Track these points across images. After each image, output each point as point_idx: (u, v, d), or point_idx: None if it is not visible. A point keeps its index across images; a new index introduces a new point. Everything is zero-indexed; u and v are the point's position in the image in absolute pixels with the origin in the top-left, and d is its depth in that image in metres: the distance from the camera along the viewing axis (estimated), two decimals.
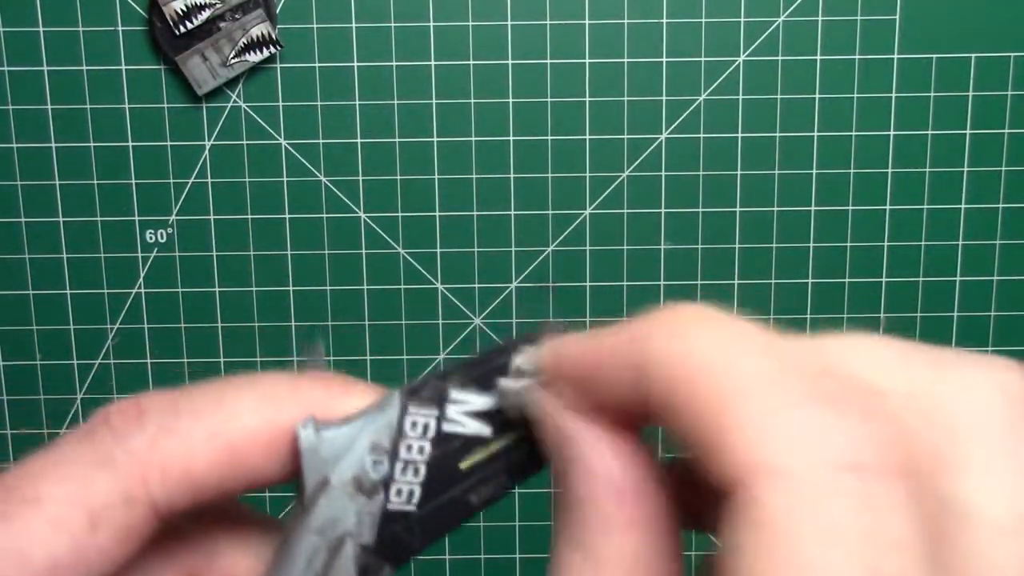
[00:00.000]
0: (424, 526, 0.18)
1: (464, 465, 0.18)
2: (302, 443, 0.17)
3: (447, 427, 0.18)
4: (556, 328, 0.18)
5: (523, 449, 0.18)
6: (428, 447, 0.18)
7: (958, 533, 0.12)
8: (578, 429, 0.16)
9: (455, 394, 0.18)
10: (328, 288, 0.52)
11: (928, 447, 0.13)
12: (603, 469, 0.16)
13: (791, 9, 0.50)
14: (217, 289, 0.52)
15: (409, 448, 0.17)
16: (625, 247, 0.52)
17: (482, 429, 0.18)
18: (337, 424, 0.17)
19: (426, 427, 0.18)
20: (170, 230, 0.52)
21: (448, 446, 0.18)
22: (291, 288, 0.52)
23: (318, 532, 0.17)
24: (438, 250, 0.52)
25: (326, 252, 0.52)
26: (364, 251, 0.52)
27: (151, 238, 0.52)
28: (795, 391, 0.13)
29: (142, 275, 0.52)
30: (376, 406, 0.18)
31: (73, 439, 0.17)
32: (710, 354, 0.14)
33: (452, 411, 0.18)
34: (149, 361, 0.53)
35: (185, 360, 0.53)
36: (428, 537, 0.18)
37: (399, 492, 0.17)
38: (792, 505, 0.12)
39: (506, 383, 0.18)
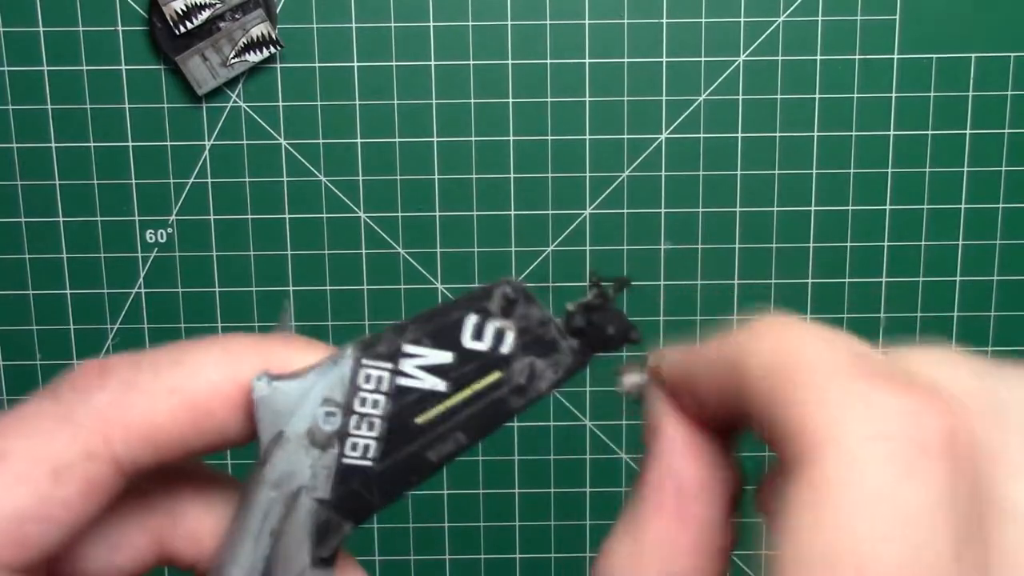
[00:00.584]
0: (382, 482, 0.18)
1: (420, 420, 0.18)
2: (255, 394, 0.17)
3: (402, 381, 0.18)
4: (508, 285, 0.18)
5: (480, 406, 0.18)
6: (383, 401, 0.17)
7: (998, 527, 0.13)
8: (668, 424, 0.18)
9: (410, 348, 0.18)
10: (328, 288, 0.52)
11: (986, 443, 0.14)
12: (675, 464, 0.18)
13: (791, 9, 0.50)
14: (217, 289, 0.52)
15: (363, 402, 0.17)
16: (625, 247, 0.52)
17: (437, 384, 0.18)
18: (290, 376, 0.17)
19: (380, 380, 0.17)
20: (170, 230, 0.52)
21: (403, 400, 0.18)
22: (291, 288, 0.52)
23: (274, 485, 0.17)
24: (438, 250, 0.52)
25: (326, 252, 0.52)
26: (364, 251, 0.52)
27: (151, 238, 0.52)
28: (867, 377, 0.14)
29: (142, 275, 0.52)
30: (330, 359, 0.18)
31: (38, 398, 0.17)
32: (800, 350, 0.15)
33: (407, 365, 0.18)
34: None
35: None
36: (387, 494, 0.18)
37: (355, 446, 0.17)
38: (845, 470, 0.13)
39: (630, 377, 0.19)
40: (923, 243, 0.52)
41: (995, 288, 0.52)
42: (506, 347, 0.18)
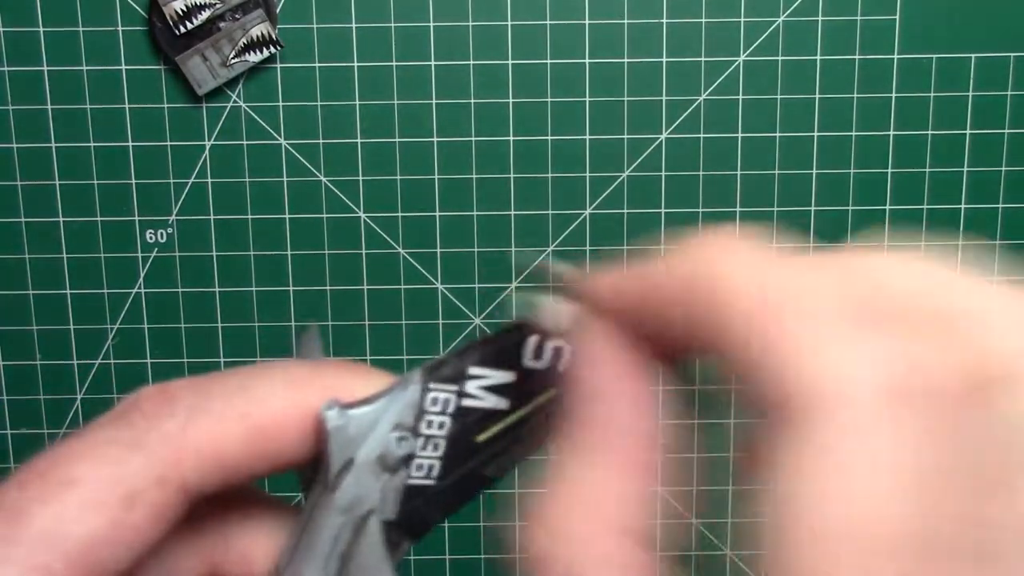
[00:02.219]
0: (443, 499, 0.18)
1: (481, 438, 0.18)
2: (328, 423, 0.17)
3: (466, 402, 0.18)
4: (568, 304, 0.18)
5: (536, 421, 0.19)
6: (447, 422, 0.18)
7: (1014, 463, 0.12)
8: (609, 360, 0.17)
9: (474, 370, 0.18)
10: (328, 288, 0.52)
11: (985, 368, 0.13)
12: (621, 407, 0.17)
13: (791, 9, 0.50)
14: (217, 289, 0.52)
15: (429, 424, 0.18)
16: (625, 247, 0.52)
17: (499, 402, 0.18)
18: (361, 404, 0.18)
19: (446, 403, 0.18)
20: (170, 230, 0.52)
21: (466, 420, 0.18)
22: (291, 288, 0.52)
23: (343, 511, 0.18)
24: (438, 250, 0.52)
25: (326, 252, 0.52)
26: (364, 251, 0.52)
27: (151, 238, 0.52)
28: (850, 314, 0.13)
29: (142, 275, 0.52)
30: (398, 385, 0.18)
31: (105, 423, 0.17)
32: (785, 283, 0.14)
33: (471, 386, 0.18)
34: (149, 361, 0.53)
35: (185, 360, 0.53)
36: (446, 509, 0.18)
37: (420, 467, 0.18)
38: (846, 434, 0.12)
39: (555, 306, 0.19)
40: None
41: None
42: (563, 364, 0.18)
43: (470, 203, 0.51)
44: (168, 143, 0.51)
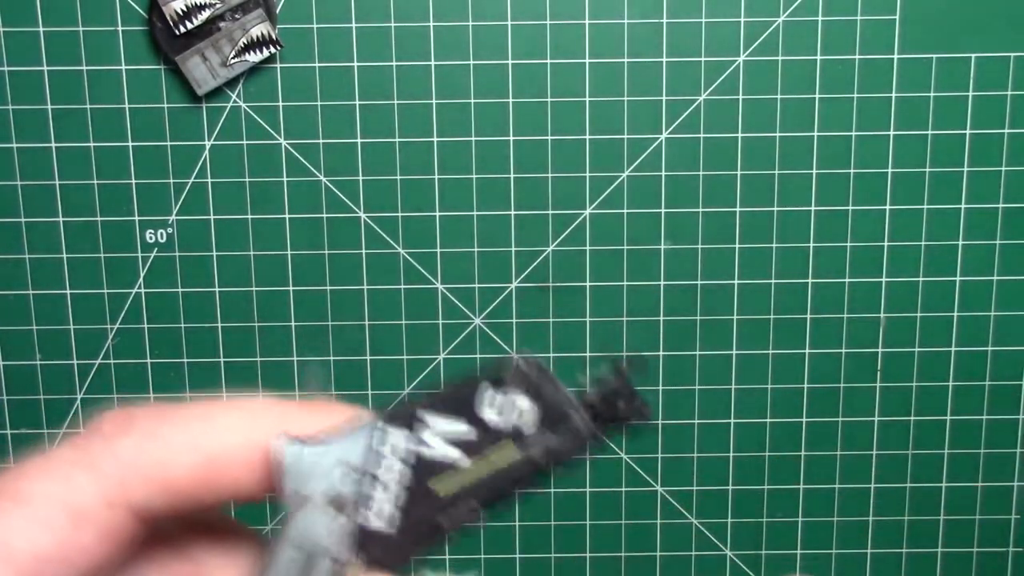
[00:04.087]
0: (398, 546, 0.18)
1: (437, 488, 0.18)
2: (279, 458, 0.18)
3: (421, 450, 0.18)
4: (523, 364, 0.18)
5: (495, 479, 0.18)
6: (402, 468, 0.18)
7: None
8: None
9: (429, 418, 0.18)
10: (328, 288, 0.52)
11: None
12: None
13: (791, 9, 0.50)
14: (217, 289, 0.52)
15: (384, 468, 0.18)
16: (625, 247, 0.52)
17: (454, 454, 0.18)
18: (313, 442, 0.18)
19: (399, 448, 0.18)
20: (170, 230, 0.52)
21: (421, 468, 0.18)
22: (291, 288, 0.52)
23: (295, 546, 0.18)
24: (438, 250, 0.52)
25: (326, 252, 0.52)
26: (364, 251, 0.52)
27: (151, 238, 0.52)
28: None
29: (142, 275, 0.52)
30: (352, 425, 0.18)
31: (66, 443, 0.18)
32: None
33: (426, 434, 0.18)
34: (149, 361, 0.53)
35: (185, 360, 0.53)
36: (402, 558, 0.18)
37: (374, 511, 0.18)
38: None
39: None
40: (923, 243, 0.52)
41: (995, 288, 0.52)
42: (520, 419, 0.18)
43: (470, 203, 0.51)
44: (168, 143, 0.51)
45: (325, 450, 0.18)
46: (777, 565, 0.55)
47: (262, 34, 0.49)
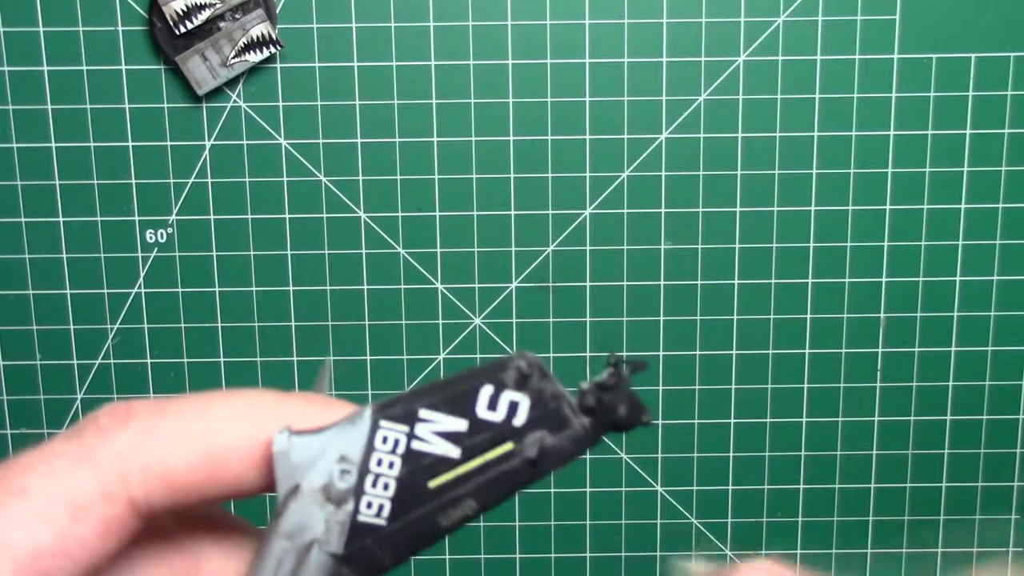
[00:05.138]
0: (393, 542, 0.18)
1: (433, 484, 0.18)
2: (274, 447, 0.18)
3: (417, 445, 0.18)
4: (523, 363, 0.18)
5: (490, 476, 0.18)
6: (398, 463, 0.18)
7: None
8: None
9: (425, 413, 0.18)
10: (328, 288, 0.52)
11: None
12: None
13: (791, 9, 0.50)
14: (217, 289, 0.52)
15: (379, 462, 0.18)
16: (625, 247, 0.52)
17: (451, 450, 0.18)
18: (309, 432, 0.18)
19: (396, 442, 0.18)
20: (170, 230, 0.52)
21: (417, 463, 0.18)
22: (291, 288, 0.52)
23: (287, 537, 0.18)
24: (438, 250, 0.52)
25: (326, 252, 0.52)
26: (364, 251, 0.52)
27: (151, 238, 0.52)
28: None
29: (142, 275, 0.52)
30: (348, 418, 0.18)
31: (63, 437, 0.18)
32: None
33: (422, 429, 0.18)
34: (149, 361, 0.53)
35: (185, 360, 0.53)
36: (397, 554, 0.18)
37: (369, 504, 0.18)
38: None
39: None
40: (923, 243, 0.52)
41: (995, 288, 0.52)
42: (518, 420, 0.18)
43: (470, 203, 0.51)
44: (168, 143, 0.51)
45: (320, 441, 0.18)
46: None
47: (262, 34, 0.49)
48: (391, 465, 0.18)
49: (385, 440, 0.18)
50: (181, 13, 0.48)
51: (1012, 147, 0.51)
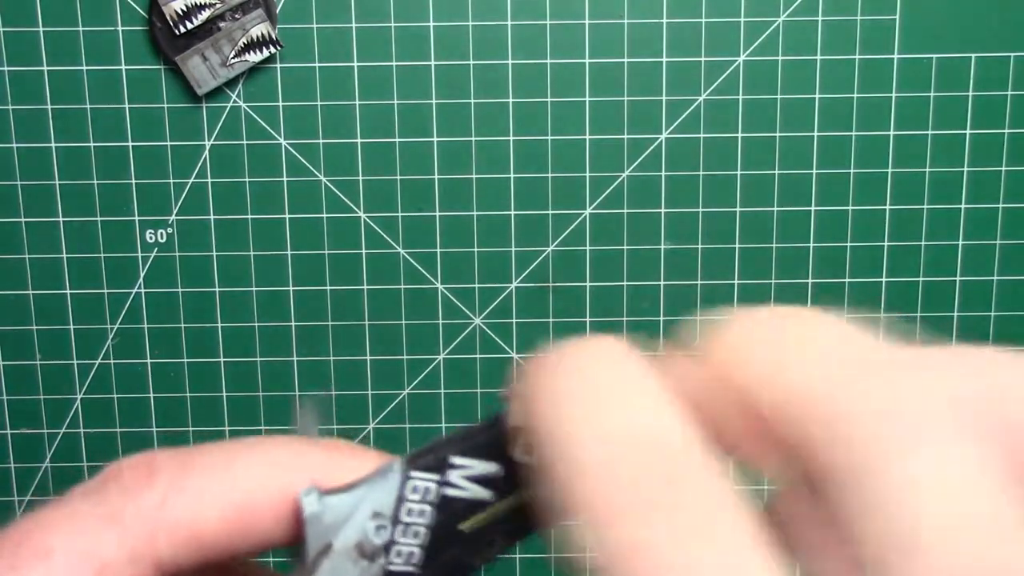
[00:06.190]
0: None
1: (464, 527, 0.18)
2: (305, 509, 0.17)
3: (448, 491, 0.18)
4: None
5: (521, 511, 0.18)
6: (429, 510, 0.18)
7: None
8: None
9: (456, 460, 0.18)
10: (328, 288, 0.52)
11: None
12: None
13: (791, 9, 0.50)
14: (217, 289, 0.52)
15: (410, 512, 0.18)
16: (625, 247, 0.52)
17: (483, 493, 0.18)
18: (340, 490, 0.18)
19: (427, 491, 0.18)
20: (170, 230, 0.52)
21: (449, 509, 0.18)
22: (291, 288, 0.52)
23: None
24: (438, 250, 0.52)
25: (326, 252, 0.52)
26: (364, 251, 0.52)
27: (151, 238, 0.52)
28: (972, 432, 0.12)
29: (142, 275, 0.52)
30: (378, 472, 0.18)
31: (85, 493, 0.17)
32: (841, 379, 0.13)
33: (453, 476, 0.18)
34: (149, 361, 0.53)
35: (185, 360, 0.53)
36: None
37: (399, 554, 0.18)
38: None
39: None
40: (923, 243, 0.52)
41: (995, 288, 0.52)
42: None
43: (470, 203, 0.51)
44: (168, 143, 0.51)
45: (352, 499, 0.18)
46: None
47: (262, 34, 0.49)
48: (422, 513, 0.18)
49: (416, 490, 0.18)
50: (181, 13, 0.48)
51: (1012, 147, 0.51)
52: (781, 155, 0.51)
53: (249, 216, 0.51)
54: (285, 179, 0.51)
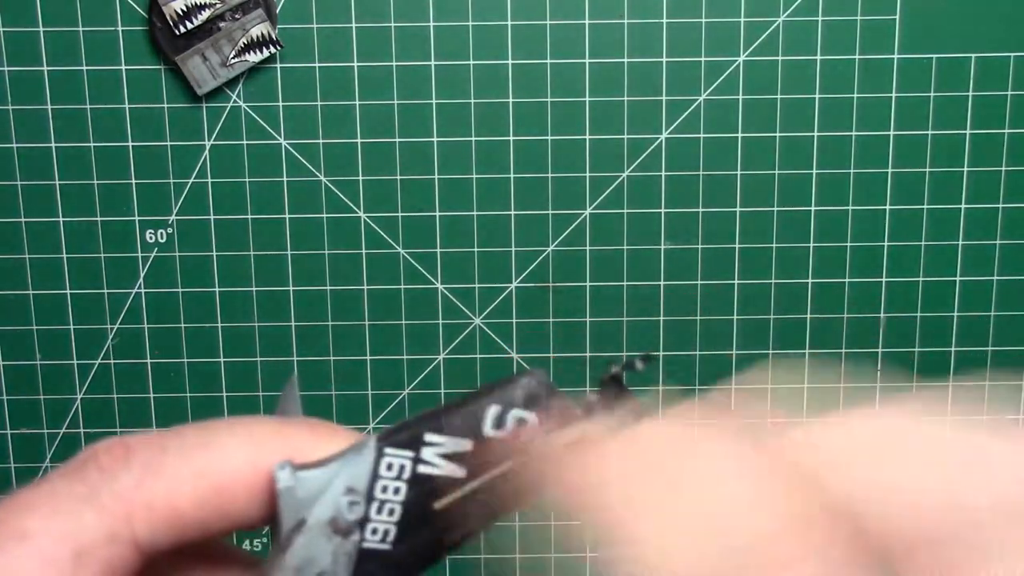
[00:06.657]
0: (398, 564, 0.18)
1: (438, 505, 0.18)
2: (279, 484, 0.17)
3: (422, 468, 0.18)
4: (534, 377, 0.18)
5: (494, 492, 0.18)
6: (403, 488, 0.18)
7: None
8: None
9: (430, 437, 0.18)
10: (328, 288, 0.52)
11: None
12: None
13: (791, 9, 0.50)
14: (217, 289, 0.52)
15: (384, 489, 0.18)
16: (625, 247, 0.52)
17: (456, 470, 0.18)
18: (313, 466, 0.18)
19: (401, 468, 0.18)
20: (170, 230, 0.52)
21: (422, 487, 0.18)
22: (291, 288, 0.52)
23: (295, 571, 0.18)
24: (438, 250, 0.52)
25: (326, 252, 0.52)
26: (364, 251, 0.52)
27: (151, 238, 0.52)
28: None
29: (142, 275, 0.52)
30: (352, 449, 0.18)
31: (62, 475, 0.17)
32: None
33: (427, 453, 0.18)
34: (149, 361, 0.53)
35: (185, 360, 0.53)
36: (401, 575, 0.18)
37: (374, 531, 0.18)
38: None
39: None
40: (923, 243, 0.52)
41: (995, 288, 0.52)
42: (525, 436, 0.18)
43: (470, 203, 0.51)
44: (168, 143, 0.51)
45: (325, 475, 0.18)
46: None
47: (262, 34, 0.49)
48: (396, 491, 0.18)
49: (390, 467, 0.18)
50: (181, 13, 0.48)
51: (1012, 147, 0.51)
52: (781, 155, 0.51)
53: (249, 216, 0.51)
54: (285, 179, 0.51)
